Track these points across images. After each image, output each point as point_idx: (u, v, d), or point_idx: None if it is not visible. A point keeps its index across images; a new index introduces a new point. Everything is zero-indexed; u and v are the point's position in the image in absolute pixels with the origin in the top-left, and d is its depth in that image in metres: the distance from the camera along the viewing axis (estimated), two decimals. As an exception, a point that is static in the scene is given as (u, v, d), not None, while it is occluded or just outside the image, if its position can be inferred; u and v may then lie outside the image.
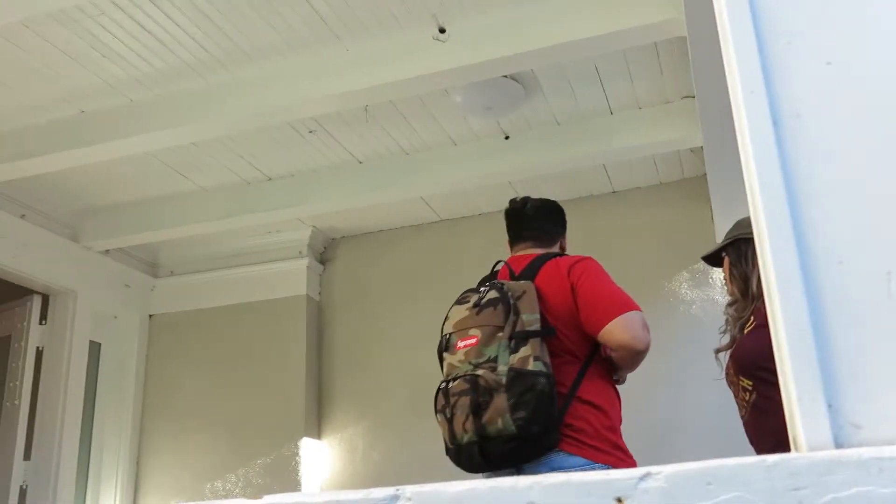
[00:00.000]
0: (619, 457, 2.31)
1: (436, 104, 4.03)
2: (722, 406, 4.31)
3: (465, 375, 2.24)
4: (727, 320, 2.54)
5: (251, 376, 5.21)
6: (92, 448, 5.16)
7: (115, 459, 5.20)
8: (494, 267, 2.64)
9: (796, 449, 0.90)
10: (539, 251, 2.64)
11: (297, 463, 4.96)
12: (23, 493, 4.59)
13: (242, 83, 3.69)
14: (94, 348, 5.22)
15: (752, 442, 2.40)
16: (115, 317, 5.42)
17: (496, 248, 5.13)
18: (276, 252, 5.39)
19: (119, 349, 5.43)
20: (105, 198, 4.87)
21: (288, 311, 5.29)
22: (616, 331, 2.32)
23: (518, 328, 2.23)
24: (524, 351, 2.21)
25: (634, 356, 2.38)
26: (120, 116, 3.86)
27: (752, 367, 2.28)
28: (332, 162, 4.58)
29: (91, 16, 3.25)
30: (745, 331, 2.39)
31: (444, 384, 2.29)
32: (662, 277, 4.68)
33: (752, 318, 2.39)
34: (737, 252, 2.54)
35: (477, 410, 2.17)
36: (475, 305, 2.37)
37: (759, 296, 2.33)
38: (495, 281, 2.46)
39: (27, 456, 4.65)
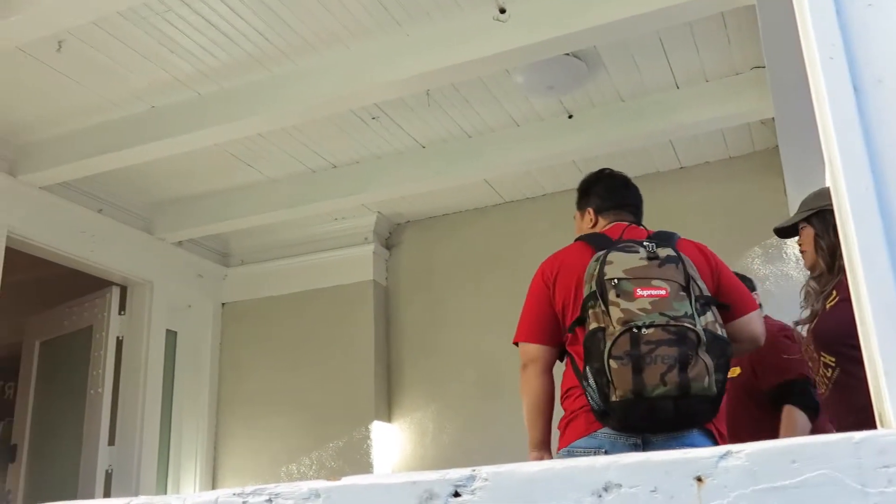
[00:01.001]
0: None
1: (498, 86, 4.01)
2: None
3: (666, 325, 2.07)
4: (808, 293, 2.42)
5: (321, 361, 5.30)
6: (171, 433, 5.33)
7: (194, 443, 5.37)
8: (610, 233, 2.49)
9: (882, 425, 0.87)
10: (638, 225, 2.57)
11: (368, 446, 5.03)
12: (108, 476, 4.77)
13: (306, 73, 3.73)
14: (171, 337, 5.38)
15: (831, 419, 2.32)
16: (190, 306, 5.57)
17: (561, 229, 5.10)
18: (343, 238, 5.46)
19: (194, 337, 5.58)
20: (177, 190, 5.00)
21: (355, 296, 5.36)
22: (753, 322, 2.33)
23: (698, 293, 2.17)
24: (710, 316, 2.15)
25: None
26: (188, 110, 3.96)
27: (836, 343, 2.19)
28: (395, 147, 4.61)
29: (158, 13, 3.33)
30: (828, 305, 2.30)
31: (631, 328, 2.07)
32: (733, 254, 4.57)
33: (833, 292, 2.30)
34: (823, 223, 2.42)
35: (685, 364, 2.04)
36: (653, 258, 2.21)
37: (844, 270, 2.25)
38: (662, 238, 2.36)
39: (111, 441, 4.83)
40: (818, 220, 2.44)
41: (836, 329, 2.20)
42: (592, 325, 2.14)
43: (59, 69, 3.68)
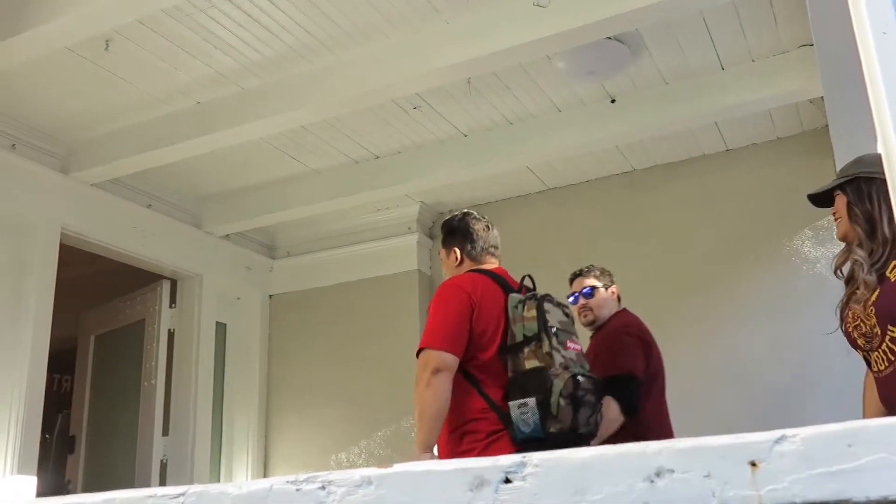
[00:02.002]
0: None
1: (539, 72, 3.98)
2: (852, 367, 4.13)
3: (587, 376, 2.48)
4: (856, 263, 2.27)
5: (368, 351, 5.34)
6: (224, 423, 5.42)
7: (246, 433, 5.46)
8: (522, 280, 2.82)
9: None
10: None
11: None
12: (163, 466, 4.89)
13: (347, 64, 3.75)
14: (221, 329, 5.46)
15: (887, 399, 2.21)
16: (238, 298, 5.65)
17: (604, 215, 5.08)
18: (387, 229, 5.48)
19: (243, 329, 5.67)
20: (223, 184, 5.08)
21: (400, 286, 5.39)
22: None
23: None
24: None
25: None
26: (233, 105, 4.01)
27: None
28: (437, 136, 4.61)
29: (202, 9, 3.37)
30: (891, 275, 2.15)
31: (574, 375, 2.43)
32: (783, 236, 4.50)
33: (894, 262, 2.16)
34: (857, 191, 2.34)
35: (598, 409, 2.51)
36: (569, 316, 2.65)
37: (894, 237, 2.16)
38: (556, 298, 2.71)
39: (165, 432, 4.94)
40: (852, 187, 2.35)
41: None
42: (533, 364, 2.44)
43: (107, 68, 3.75)
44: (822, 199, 2.52)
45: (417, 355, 2.57)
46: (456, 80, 3.87)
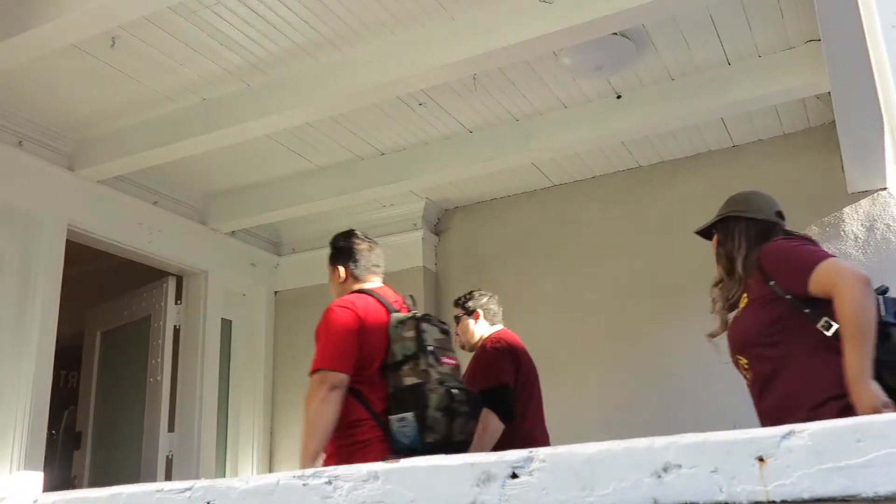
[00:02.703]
0: None
1: (545, 68, 3.98)
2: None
3: (461, 388, 2.74)
4: (713, 301, 2.53)
5: (374, 348, 5.33)
6: (229, 419, 5.43)
7: (251, 429, 5.47)
8: (406, 301, 3.05)
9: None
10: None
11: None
12: (169, 462, 4.90)
13: (353, 61, 3.75)
14: (226, 325, 5.47)
15: (766, 415, 2.28)
16: (244, 294, 5.66)
17: (611, 211, 5.07)
18: (392, 225, 5.48)
19: (249, 325, 5.67)
20: (229, 181, 5.08)
21: (406, 282, 5.36)
22: None
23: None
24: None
25: None
26: (239, 102, 4.01)
27: (749, 346, 2.28)
28: (442, 133, 4.61)
29: (208, 6, 3.38)
30: (738, 310, 2.37)
31: (448, 388, 2.69)
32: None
33: (744, 295, 2.35)
34: (723, 230, 2.54)
35: (473, 418, 2.79)
36: (446, 332, 2.87)
37: (747, 275, 2.35)
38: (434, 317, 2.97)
39: (171, 428, 4.95)
40: (720, 227, 2.56)
41: (746, 331, 2.31)
42: (411, 380, 2.65)
43: (114, 65, 3.76)
44: (704, 233, 2.74)
45: (312, 374, 2.74)
46: (462, 76, 3.86)
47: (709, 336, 2.54)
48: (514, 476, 0.95)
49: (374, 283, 3.04)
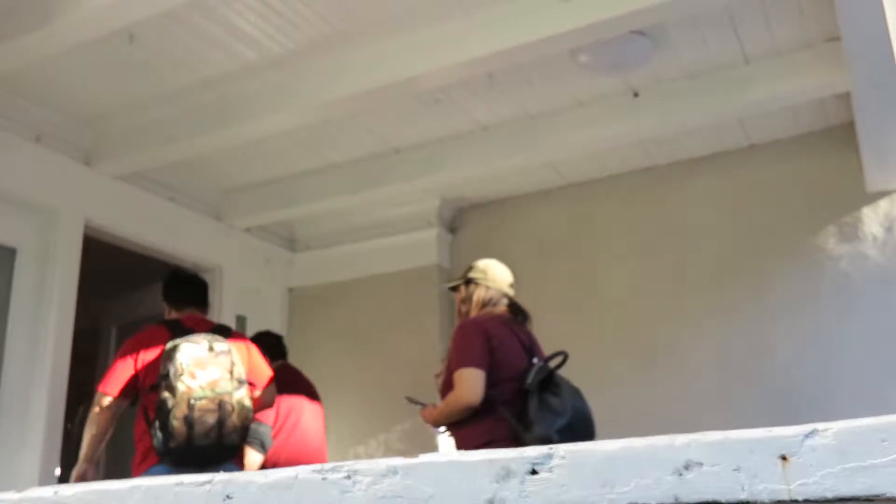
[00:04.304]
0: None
1: (561, 66, 3.97)
2: (876, 364, 4.09)
3: (212, 398, 3.13)
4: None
5: (387, 345, 5.35)
6: (244, 415, 5.44)
7: (265, 426, 5.48)
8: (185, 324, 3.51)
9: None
10: (204, 315, 3.67)
11: (434, 429, 5.06)
12: (184, 457, 4.91)
13: (368, 57, 3.75)
14: (241, 322, 5.49)
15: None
16: (259, 291, 5.68)
17: (627, 210, 5.05)
18: (406, 223, 5.49)
19: (263, 322, 5.68)
20: (244, 177, 5.10)
21: (420, 280, 5.39)
22: (266, 393, 3.53)
23: (238, 375, 3.24)
24: (243, 391, 3.22)
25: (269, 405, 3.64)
26: (255, 98, 4.02)
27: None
28: (457, 131, 4.60)
29: (225, 2, 3.39)
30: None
31: (188, 400, 3.11)
32: (807, 233, 4.46)
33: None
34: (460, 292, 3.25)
35: (222, 425, 3.15)
36: (211, 350, 3.23)
37: None
38: (220, 332, 3.44)
39: (187, 423, 4.96)
40: (458, 289, 3.31)
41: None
42: (164, 395, 3.10)
43: (132, 61, 3.78)
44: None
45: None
46: (477, 73, 3.85)
47: (436, 375, 3.29)
48: (534, 472, 0.94)
49: (185, 314, 3.58)
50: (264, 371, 3.56)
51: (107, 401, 3.31)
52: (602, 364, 4.80)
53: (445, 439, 3.35)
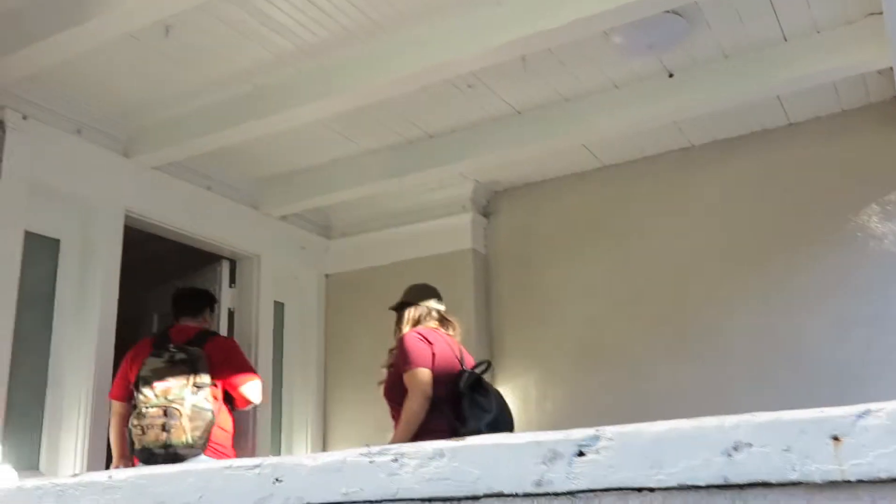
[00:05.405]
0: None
1: (595, 47, 3.93)
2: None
3: (161, 406, 3.61)
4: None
5: (424, 330, 5.35)
6: (283, 401, 5.52)
7: (304, 410, 5.55)
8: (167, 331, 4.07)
9: None
10: (194, 321, 4.11)
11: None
12: (226, 442, 4.99)
13: (401, 45, 3.75)
14: (279, 308, 5.55)
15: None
16: (296, 278, 5.73)
17: (662, 192, 5.00)
18: (441, 208, 5.49)
19: (300, 308, 5.75)
20: (280, 166, 5.14)
21: (455, 265, 5.40)
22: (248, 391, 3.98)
23: (197, 381, 3.71)
24: (200, 395, 3.68)
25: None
26: (290, 87, 4.04)
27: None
28: (491, 115, 4.59)
29: (259, -8, 3.40)
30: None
31: (140, 409, 3.67)
32: (848, 211, 4.38)
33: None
34: (398, 314, 3.71)
35: (168, 430, 3.61)
36: (170, 361, 3.72)
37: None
38: (192, 342, 3.90)
39: (227, 408, 5.04)
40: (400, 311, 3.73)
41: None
42: (133, 403, 3.68)
43: (167, 54, 3.82)
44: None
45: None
46: (510, 57, 3.83)
47: (379, 383, 3.72)
48: (581, 454, 0.95)
49: (180, 323, 4.08)
50: (241, 370, 3.96)
51: (115, 405, 3.89)
52: (638, 345, 4.78)
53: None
